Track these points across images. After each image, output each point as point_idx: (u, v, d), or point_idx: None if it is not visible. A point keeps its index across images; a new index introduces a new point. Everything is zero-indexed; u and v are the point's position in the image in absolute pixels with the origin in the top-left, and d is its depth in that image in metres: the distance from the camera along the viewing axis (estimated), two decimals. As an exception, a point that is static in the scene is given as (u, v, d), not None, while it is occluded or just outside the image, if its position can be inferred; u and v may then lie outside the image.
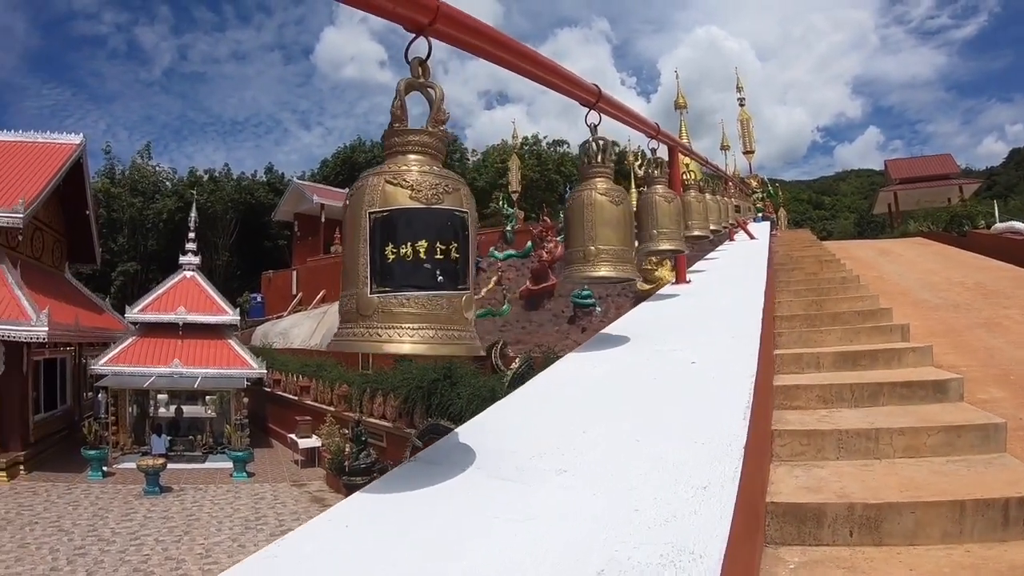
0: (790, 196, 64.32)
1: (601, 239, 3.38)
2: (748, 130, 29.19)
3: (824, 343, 7.79)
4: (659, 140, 4.75)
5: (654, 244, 4.70)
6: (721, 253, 9.56)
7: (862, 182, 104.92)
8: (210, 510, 19.50)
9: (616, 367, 2.92)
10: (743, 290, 5.52)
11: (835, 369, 6.77)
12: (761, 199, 25.02)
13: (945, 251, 20.23)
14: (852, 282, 11.27)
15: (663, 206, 4.70)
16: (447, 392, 16.21)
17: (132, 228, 62.54)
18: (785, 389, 5.79)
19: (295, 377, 28.56)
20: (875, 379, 6.06)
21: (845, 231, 71.75)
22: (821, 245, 18.97)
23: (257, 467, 24.90)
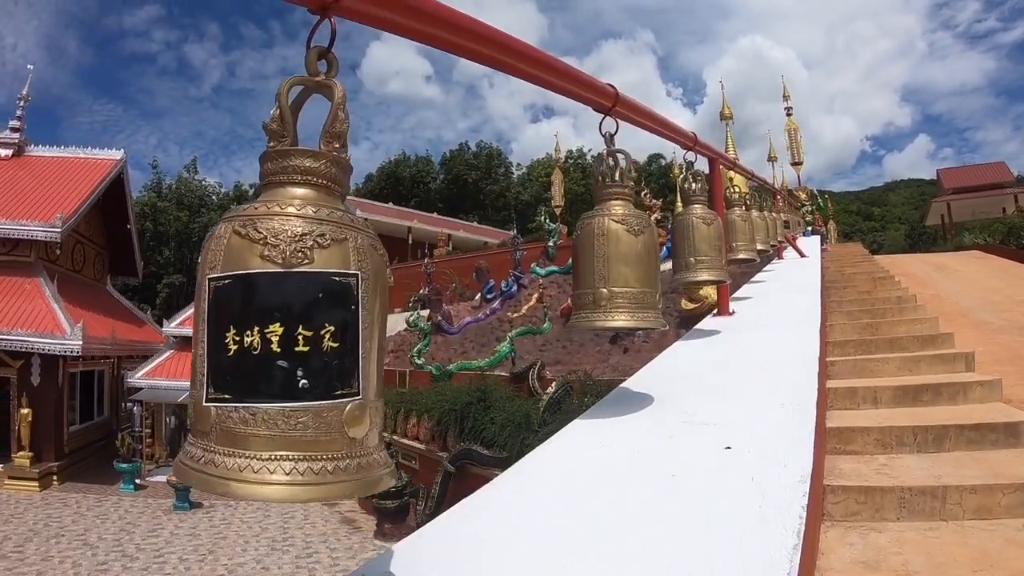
0: (839, 208, 62.92)
1: (616, 279, 2.73)
2: (796, 140, 28.21)
3: (881, 373, 7.11)
4: (697, 151, 4.13)
5: (691, 274, 4.09)
6: (769, 274, 8.86)
7: (912, 192, 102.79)
8: (238, 528, 19.24)
9: (623, 452, 2.27)
10: (794, 325, 4.84)
11: (894, 404, 6.12)
12: (810, 212, 24.04)
13: (1005, 266, 19.20)
14: (908, 302, 10.52)
15: (702, 229, 4.07)
16: (480, 416, 15.65)
17: (178, 241, 63.59)
18: (839, 432, 5.17)
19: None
20: (939, 419, 5.41)
21: (896, 244, 69.89)
22: (873, 260, 18.07)
23: None
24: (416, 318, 21.14)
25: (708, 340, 4.19)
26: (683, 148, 4.01)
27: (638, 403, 2.84)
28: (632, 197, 2.95)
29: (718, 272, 4.08)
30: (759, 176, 8.33)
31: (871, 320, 9.43)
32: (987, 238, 25.93)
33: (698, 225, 4.05)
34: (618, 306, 2.72)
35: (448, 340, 24.62)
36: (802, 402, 2.59)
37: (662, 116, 3.59)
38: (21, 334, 23.10)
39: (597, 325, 2.77)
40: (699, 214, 4.08)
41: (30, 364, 24.31)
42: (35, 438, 23.54)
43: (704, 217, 4.06)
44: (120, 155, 32.05)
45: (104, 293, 33.89)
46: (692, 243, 4.06)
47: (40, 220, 25.85)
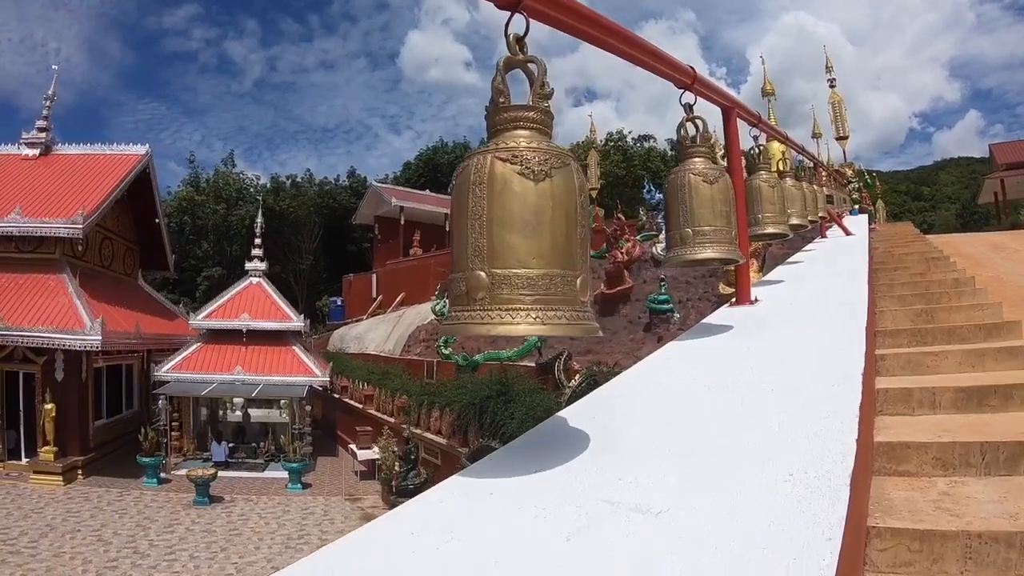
0: (887, 187, 61.01)
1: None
2: (840, 113, 26.79)
3: (939, 368, 6.08)
4: (697, 92, 3.20)
5: (687, 251, 3.09)
6: (808, 255, 7.75)
7: (962, 171, 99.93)
8: (255, 524, 18.94)
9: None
10: (830, 322, 3.60)
11: (956, 410, 5.09)
12: (857, 190, 22.62)
13: (1070, 245, 17.77)
14: (966, 285, 9.39)
15: (702, 191, 3.08)
16: (500, 411, 14.86)
17: (217, 234, 64.03)
18: (891, 448, 4.19)
19: (360, 384, 27.68)
20: (1013, 432, 4.38)
21: (947, 223, 67.69)
22: (925, 240, 16.87)
23: (317, 477, 24.45)
24: (442, 307, 20.38)
25: (712, 341, 3.12)
26: (677, 87, 3.04)
27: (555, 450, 1.84)
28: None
29: (725, 248, 3.05)
30: (796, 143, 7.21)
31: (925, 306, 8.39)
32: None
33: (697, 185, 3.05)
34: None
35: (477, 329, 23.77)
36: (831, 472, 1.48)
37: (651, 44, 2.74)
38: (42, 330, 23.30)
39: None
40: (699, 170, 3.07)
41: (54, 360, 24.48)
42: (60, 433, 23.60)
43: (705, 174, 3.05)
44: (144, 150, 31.94)
45: (135, 288, 34.12)
46: (689, 210, 3.08)
47: (62, 217, 26.01)
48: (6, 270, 26.03)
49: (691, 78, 3.06)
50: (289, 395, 26.43)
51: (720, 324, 3.40)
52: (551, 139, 1.83)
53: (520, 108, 1.80)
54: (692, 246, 2.71)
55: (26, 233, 26.17)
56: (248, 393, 26.24)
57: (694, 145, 3.12)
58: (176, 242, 64.15)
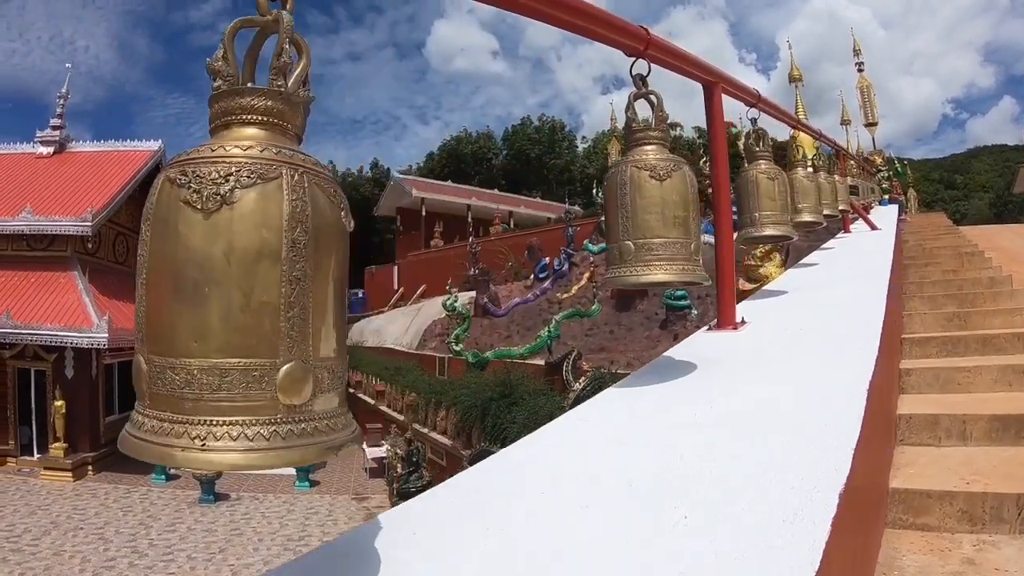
0: (919, 176, 59.68)
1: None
2: (870, 98, 25.88)
3: (972, 387, 5.31)
4: (650, 59, 2.58)
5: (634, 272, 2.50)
6: (824, 254, 6.97)
7: (996, 159, 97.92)
8: (257, 524, 18.63)
9: None
10: (834, 358, 2.64)
11: (989, 442, 4.35)
12: (887, 178, 21.64)
13: (1115, 238, 16.74)
14: (1003, 284, 8.56)
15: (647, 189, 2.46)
16: (503, 414, 14.23)
17: (242, 227, 63.97)
18: (909, 496, 3.49)
19: (373, 380, 27.20)
20: None
21: (980, 213, 66.26)
22: (959, 232, 15.90)
23: (326, 474, 23.95)
24: (453, 301, 19.80)
25: (656, 394, 2.33)
26: (627, 54, 2.44)
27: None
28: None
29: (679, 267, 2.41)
30: (812, 128, 6.41)
31: (958, 308, 7.58)
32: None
33: (642, 183, 2.44)
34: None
35: (495, 323, 23.43)
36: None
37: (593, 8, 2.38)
38: (50, 328, 23.52)
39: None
40: (648, 162, 2.45)
41: (63, 357, 24.60)
42: (70, 429, 23.62)
43: (655, 167, 2.42)
44: (157, 146, 31.88)
45: (152, 283, 33.49)
46: (631, 216, 2.47)
47: (72, 215, 26.26)
48: (19, 268, 26.29)
49: (644, 42, 2.52)
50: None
51: (683, 360, 2.65)
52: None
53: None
54: (634, 264, 2.29)
55: (37, 231, 26.38)
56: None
57: (643, 129, 2.56)
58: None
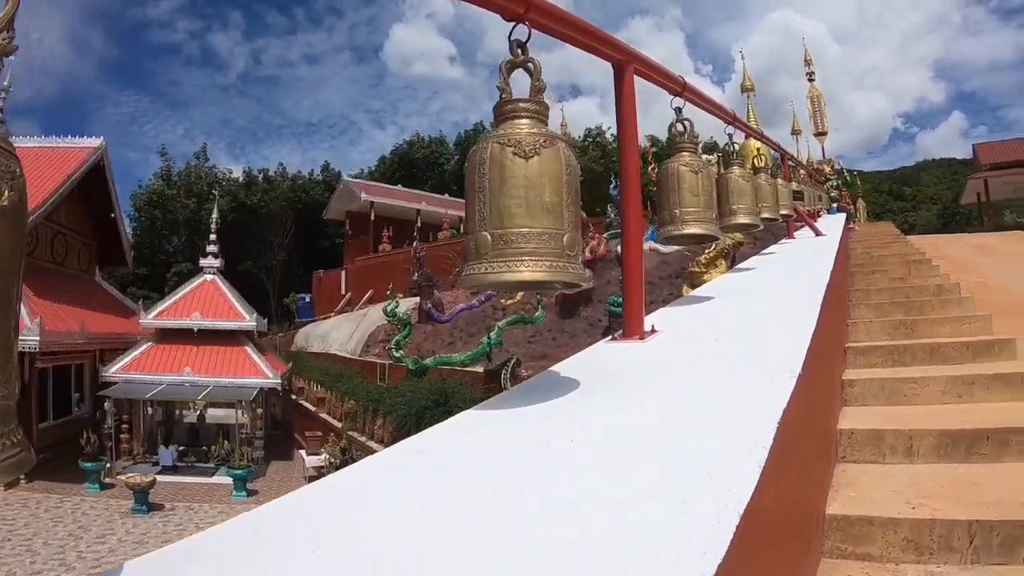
0: (870, 187, 60.31)
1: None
2: (820, 108, 26.00)
3: (919, 399, 5.05)
4: (529, 22, 2.16)
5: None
6: (763, 259, 6.54)
7: (944, 171, 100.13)
8: (190, 535, 17.26)
9: None
10: (752, 374, 2.07)
11: (937, 458, 4.08)
12: (836, 187, 21.64)
13: (1059, 248, 16.76)
14: (951, 292, 8.39)
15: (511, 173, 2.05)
16: (437, 422, 13.62)
17: (188, 229, 62.72)
18: (849, 523, 3.16)
19: (315, 386, 26.65)
20: (1009, 500, 3.35)
21: (928, 224, 67.26)
22: (906, 241, 15.87)
23: (266, 483, 23.45)
24: (394, 306, 19.36)
25: (528, 413, 1.90)
26: (505, 18, 2.08)
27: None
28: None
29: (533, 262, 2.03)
30: (752, 127, 6.03)
31: (905, 316, 7.41)
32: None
33: (504, 163, 2.04)
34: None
35: (438, 329, 23.09)
36: None
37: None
38: None
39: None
40: (516, 136, 2.02)
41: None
42: None
43: (519, 143, 2.03)
44: (98, 143, 30.88)
45: (90, 285, 33.06)
46: (487, 194, 2.07)
47: None
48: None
49: (525, 4, 2.10)
50: (239, 397, 25.24)
51: (568, 377, 2.20)
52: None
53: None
54: (491, 260, 2.00)
55: (-38, 231, 25.07)
56: (196, 395, 25.13)
57: (514, 100, 2.23)
58: (147, 237, 63.52)
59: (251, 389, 25.13)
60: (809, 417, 2.28)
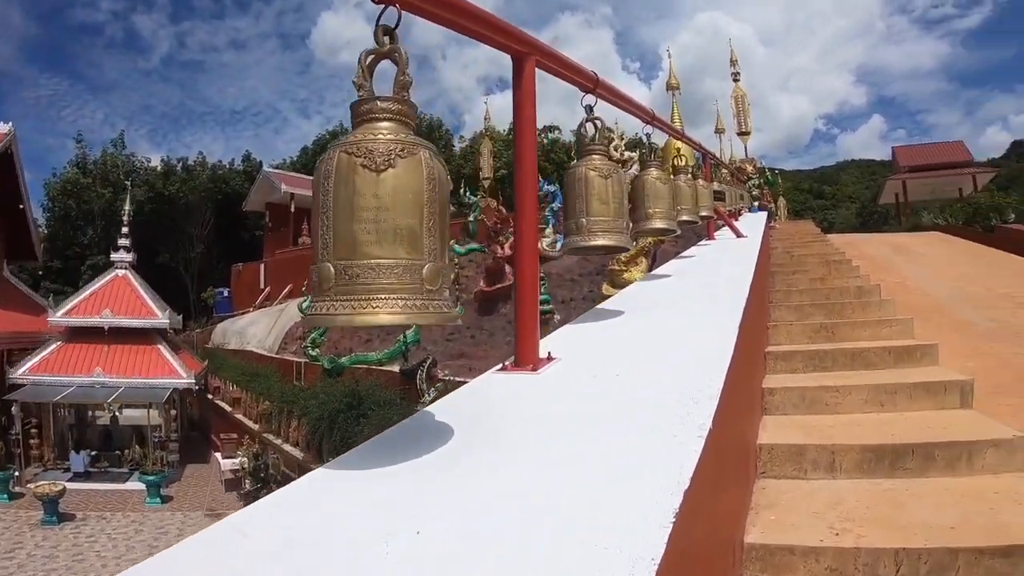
0: (791, 185, 61.52)
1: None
2: (743, 108, 26.28)
3: (841, 407, 4.93)
4: (397, 7, 1.81)
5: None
6: (681, 264, 6.24)
7: (863, 172, 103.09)
8: (102, 547, 17.21)
9: None
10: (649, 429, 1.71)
11: (861, 474, 3.94)
12: (758, 186, 21.86)
13: (973, 249, 17.30)
14: (872, 294, 8.33)
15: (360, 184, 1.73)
16: (351, 426, 13.54)
17: (104, 220, 60.16)
18: (766, 552, 2.95)
19: (231, 385, 25.83)
20: (938, 522, 3.21)
21: (847, 222, 68.90)
22: (827, 240, 16.00)
23: (181, 488, 22.68)
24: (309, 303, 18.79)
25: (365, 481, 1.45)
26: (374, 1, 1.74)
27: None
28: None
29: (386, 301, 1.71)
30: (673, 128, 5.79)
31: (826, 319, 7.27)
32: (949, 218, 24.12)
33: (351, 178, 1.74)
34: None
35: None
36: None
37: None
38: None
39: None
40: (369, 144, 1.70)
41: None
42: None
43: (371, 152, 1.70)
44: (6, 128, 29.31)
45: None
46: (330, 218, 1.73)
47: None
48: None
49: None
50: (152, 399, 24.26)
51: (446, 423, 1.85)
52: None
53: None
54: (334, 297, 1.68)
55: None
56: (107, 397, 24.03)
57: (372, 99, 1.89)
58: (60, 228, 60.84)
59: (164, 390, 24.24)
60: (718, 476, 1.97)
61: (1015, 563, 2.86)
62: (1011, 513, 3.22)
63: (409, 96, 1.71)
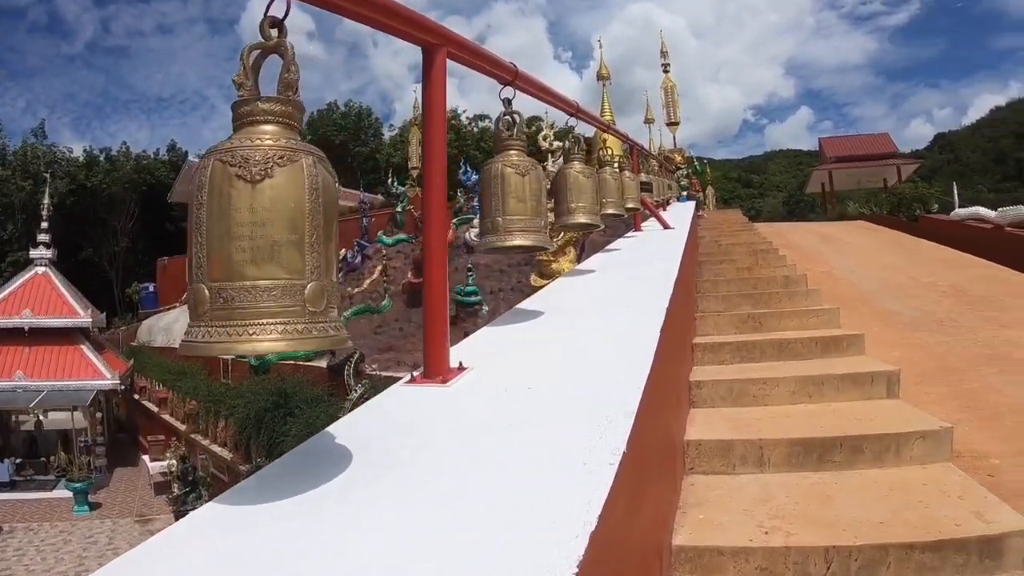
0: (720, 175, 62.41)
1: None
2: (673, 98, 26.59)
3: (769, 399, 4.93)
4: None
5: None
6: (606, 257, 6.14)
7: (790, 161, 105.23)
8: (30, 561, 16.61)
9: None
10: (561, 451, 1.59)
11: (789, 468, 3.92)
12: (686, 176, 22.08)
13: (897, 238, 17.69)
14: (799, 284, 8.40)
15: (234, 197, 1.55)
16: (278, 426, 13.28)
17: (26, 214, 57.88)
18: (695, 553, 2.90)
19: (157, 385, 25.16)
20: (868, 516, 3.20)
21: (774, 210, 70.17)
22: (754, 229, 16.11)
23: (110, 494, 21.99)
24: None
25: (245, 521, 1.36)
26: None
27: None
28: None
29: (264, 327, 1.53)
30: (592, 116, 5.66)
31: (753, 309, 7.25)
32: (874, 208, 24.63)
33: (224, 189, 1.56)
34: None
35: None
36: None
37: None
38: None
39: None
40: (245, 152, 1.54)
41: None
42: None
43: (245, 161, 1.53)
44: None
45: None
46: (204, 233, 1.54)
47: None
48: None
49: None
50: (76, 402, 23.52)
51: (345, 446, 1.67)
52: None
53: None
54: (208, 323, 1.49)
55: None
56: (30, 402, 23.15)
57: (253, 100, 1.71)
58: (-23, 222, 58.28)
59: (89, 392, 23.48)
60: (637, 490, 1.85)
61: (945, 556, 2.86)
62: (939, 506, 3.22)
63: (296, 95, 1.55)
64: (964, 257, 13.43)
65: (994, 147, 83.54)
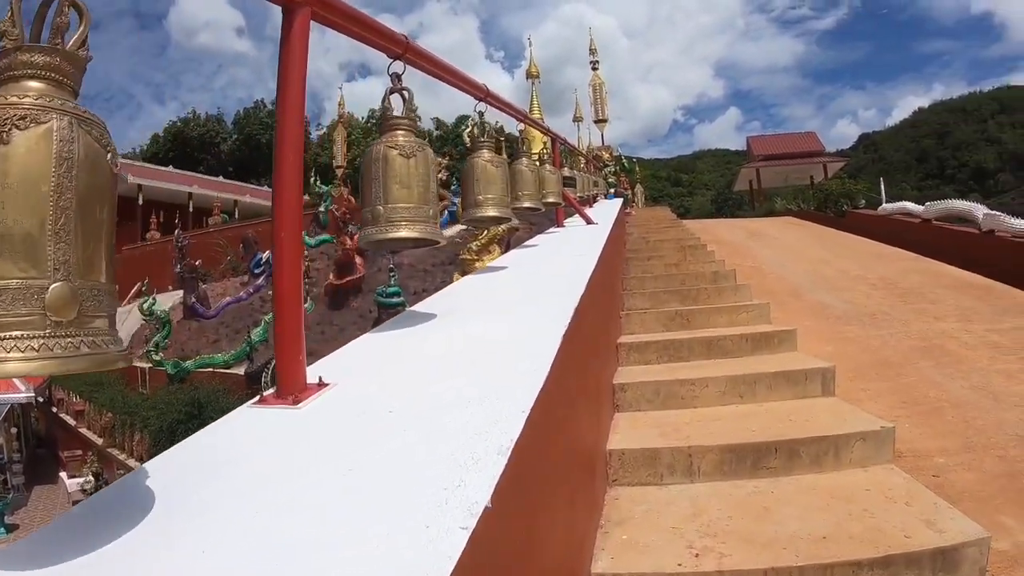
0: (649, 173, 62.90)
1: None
2: (601, 96, 26.47)
3: (697, 401, 4.71)
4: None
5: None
6: (518, 255, 5.69)
7: (719, 160, 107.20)
8: None
9: None
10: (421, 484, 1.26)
11: (722, 476, 3.66)
12: (614, 173, 21.99)
13: (824, 233, 17.76)
14: (727, 279, 8.26)
15: None
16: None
17: None
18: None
19: (75, 397, 24.09)
20: (807, 531, 2.93)
21: (703, 208, 71.12)
22: (682, 226, 16.05)
23: (29, 514, 20.67)
24: (151, 304, 17.69)
25: None
26: None
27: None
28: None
29: None
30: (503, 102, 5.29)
31: (680, 306, 7.12)
32: (801, 204, 24.86)
33: None
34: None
35: (204, 326, 21.41)
36: None
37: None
38: None
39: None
40: None
41: None
42: None
43: None
44: None
45: None
46: None
47: None
48: None
49: None
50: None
51: (154, 487, 1.36)
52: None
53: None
54: None
55: None
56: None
57: None
58: None
59: (2, 406, 22.13)
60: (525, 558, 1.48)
61: (896, 573, 2.58)
62: (885, 514, 2.96)
63: (80, 49, 1.25)
64: (892, 250, 13.46)
65: (917, 147, 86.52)
